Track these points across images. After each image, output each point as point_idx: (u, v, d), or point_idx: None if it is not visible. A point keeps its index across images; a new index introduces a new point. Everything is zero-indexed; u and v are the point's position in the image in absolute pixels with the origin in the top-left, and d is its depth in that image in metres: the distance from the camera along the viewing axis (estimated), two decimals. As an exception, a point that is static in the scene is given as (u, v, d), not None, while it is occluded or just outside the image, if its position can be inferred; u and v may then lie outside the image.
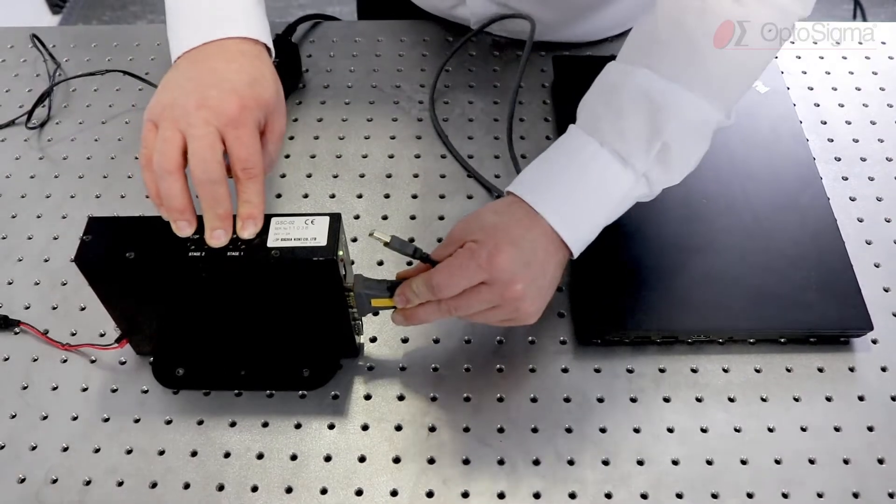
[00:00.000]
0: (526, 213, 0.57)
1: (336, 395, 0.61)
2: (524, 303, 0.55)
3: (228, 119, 0.53)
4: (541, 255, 0.56)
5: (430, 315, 0.56)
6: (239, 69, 0.57)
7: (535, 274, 0.55)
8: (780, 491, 0.56)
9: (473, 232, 0.56)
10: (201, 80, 0.56)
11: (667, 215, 0.68)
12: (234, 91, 0.55)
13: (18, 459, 0.59)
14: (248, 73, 0.57)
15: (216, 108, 0.53)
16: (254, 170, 0.54)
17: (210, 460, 0.58)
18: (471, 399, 0.61)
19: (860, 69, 0.84)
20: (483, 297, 0.54)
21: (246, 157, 0.53)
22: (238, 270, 0.53)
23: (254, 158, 0.54)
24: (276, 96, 0.59)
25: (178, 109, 0.54)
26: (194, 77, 0.57)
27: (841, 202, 0.72)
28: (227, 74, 0.56)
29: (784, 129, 0.75)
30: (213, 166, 0.52)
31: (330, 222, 0.53)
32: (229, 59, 0.58)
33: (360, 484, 0.57)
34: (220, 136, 0.53)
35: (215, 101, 0.54)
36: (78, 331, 0.65)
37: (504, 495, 0.56)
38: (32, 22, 0.88)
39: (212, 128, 0.53)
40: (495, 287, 0.54)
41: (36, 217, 0.73)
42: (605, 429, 0.59)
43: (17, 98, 0.83)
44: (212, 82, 0.55)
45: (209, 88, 0.55)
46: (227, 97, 0.54)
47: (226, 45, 0.59)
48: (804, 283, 0.63)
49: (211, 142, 0.52)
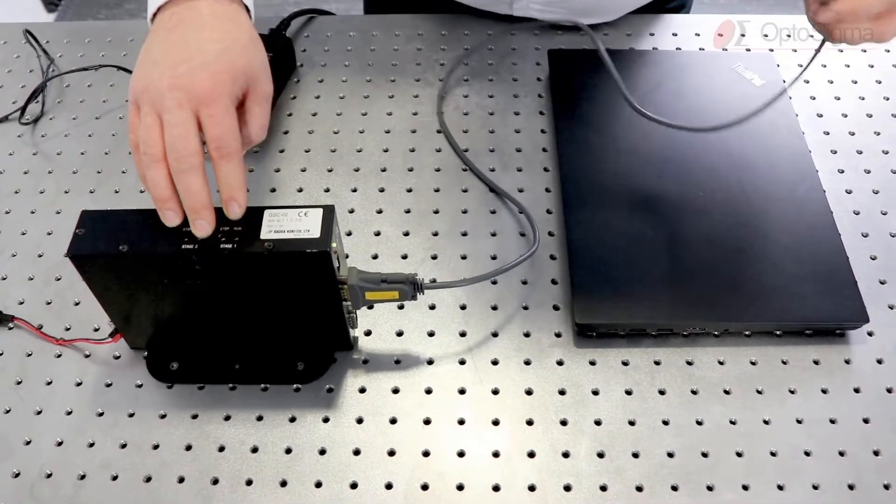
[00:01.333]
0: None
1: (330, 389, 0.61)
2: None
3: (200, 98, 0.52)
4: None
5: None
6: (211, 37, 0.55)
7: None
8: (776, 483, 0.56)
9: None
10: (172, 53, 0.55)
11: (663, 208, 0.67)
12: (205, 65, 0.53)
13: (12, 454, 0.58)
14: (220, 41, 0.55)
15: (187, 88, 0.52)
16: (227, 148, 0.52)
17: (204, 454, 0.58)
18: (466, 392, 0.61)
19: (856, 62, 0.84)
20: None
21: (219, 135, 0.52)
22: (231, 263, 0.53)
23: (227, 136, 0.53)
24: (253, 61, 0.57)
25: (153, 91, 0.53)
26: (166, 50, 0.55)
27: (837, 195, 0.72)
28: (199, 44, 0.55)
29: (780, 122, 0.75)
30: (184, 155, 0.51)
31: (323, 214, 0.53)
32: (200, 26, 0.56)
33: (355, 477, 0.57)
34: (196, 116, 0.52)
35: (185, 80, 0.53)
36: (72, 326, 0.65)
37: (499, 488, 0.56)
38: (27, 20, 0.87)
39: (185, 111, 0.52)
40: None
41: (30, 212, 0.73)
42: (599, 421, 0.59)
43: (10, 94, 0.83)
44: (182, 56, 0.54)
45: (179, 64, 0.53)
46: (197, 73, 0.53)
47: (198, 6, 0.57)
48: (800, 275, 0.63)
49: (183, 129, 0.51)
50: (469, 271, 0.67)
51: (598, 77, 0.75)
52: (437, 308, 0.65)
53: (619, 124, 0.75)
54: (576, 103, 0.77)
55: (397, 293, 0.58)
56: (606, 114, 0.76)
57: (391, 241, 0.70)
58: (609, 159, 0.70)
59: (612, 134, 0.74)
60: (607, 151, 0.72)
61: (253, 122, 0.56)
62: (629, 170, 0.70)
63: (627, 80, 0.76)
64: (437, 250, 0.69)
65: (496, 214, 0.71)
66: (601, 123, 0.75)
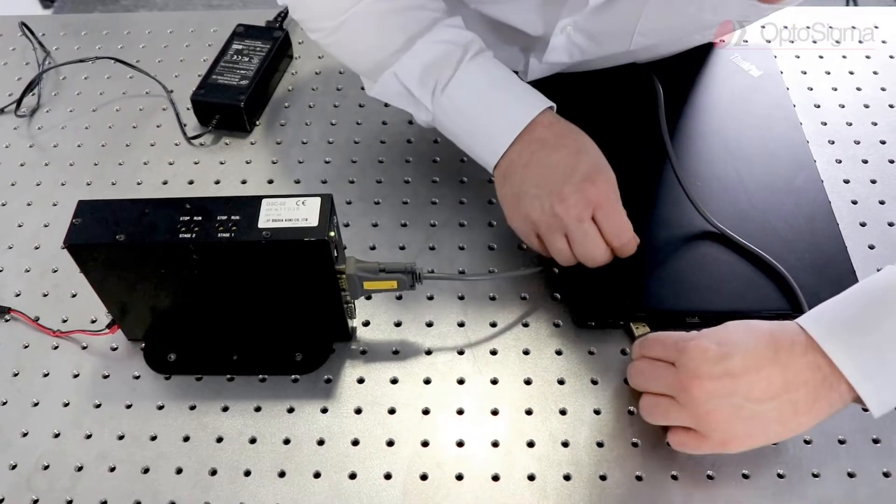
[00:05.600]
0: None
1: (329, 379, 0.61)
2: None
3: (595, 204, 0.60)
4: None
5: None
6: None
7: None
8: (776, 472, 0.56)
9: None
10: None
11: (661, 198, 0.67)
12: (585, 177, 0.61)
13: (9, 446, 0.58)
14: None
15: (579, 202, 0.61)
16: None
17: (202, 445, 0.58)
18: (464, 382, 0.61)
19: (853, 54, 0.84)
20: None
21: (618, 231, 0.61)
22: (229, 252, 0.53)
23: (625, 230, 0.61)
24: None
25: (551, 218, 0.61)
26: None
27: (835, 185, 0.72)
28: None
29: (778, 112, 0.75)
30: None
31: (321, 203, 0.53)
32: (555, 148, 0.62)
33: (354, 467, 0.57)
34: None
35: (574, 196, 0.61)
36: (69, 317, 0.64)
37: (498, 477, 0.56)
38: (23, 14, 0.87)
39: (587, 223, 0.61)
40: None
41: (26, 205, 0.73)
42: (599, 411, 0.59)
43: (6, 86, 0.83)
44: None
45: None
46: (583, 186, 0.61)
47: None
48: (798, 265, 0.63)
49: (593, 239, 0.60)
50: (467, 262, 0.67)
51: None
52: (435, 298, 0.65)
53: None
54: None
55: (395, 283, 0.57)
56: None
57: (389, 232, 0.70)
58: (607, 149, 0.69)
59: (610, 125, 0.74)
60: (606, 141, 0.72)
61: None
62: (626, 159, 0.70)
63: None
64: (435, 241, 0.69)
65: (494, 205, 0.71)
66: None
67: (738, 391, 0.49)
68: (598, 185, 0.59)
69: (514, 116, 0.62)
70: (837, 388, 0.49)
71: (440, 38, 0.63)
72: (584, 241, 0.59)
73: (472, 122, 0.63)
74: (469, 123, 0.64)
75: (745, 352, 0.50)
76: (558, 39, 0.70)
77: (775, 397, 0.49)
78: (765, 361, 0.50)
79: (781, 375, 0.49)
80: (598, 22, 0.68)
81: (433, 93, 0.63)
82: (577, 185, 0.59)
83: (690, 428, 0.52)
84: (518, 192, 0.61)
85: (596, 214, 0.59)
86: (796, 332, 0.51)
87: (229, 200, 0.54)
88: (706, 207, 0.66)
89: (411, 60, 0.63)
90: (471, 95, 0.63)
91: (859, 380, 0.48)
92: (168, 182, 0.74)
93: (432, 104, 0.64)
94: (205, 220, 0.53)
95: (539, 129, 0.61)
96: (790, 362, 0.49)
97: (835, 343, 0.49)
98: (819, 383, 0.49)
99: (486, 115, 0.63)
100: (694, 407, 0.51)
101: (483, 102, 0.63)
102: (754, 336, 0.51)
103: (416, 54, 0.63)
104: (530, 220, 0.60)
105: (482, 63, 0.64)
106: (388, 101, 0.67)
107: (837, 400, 0.49)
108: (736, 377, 0.49)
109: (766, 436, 0.51)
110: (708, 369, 0.50)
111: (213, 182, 0.74)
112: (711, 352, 0.50)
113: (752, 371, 0.49)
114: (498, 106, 0.63)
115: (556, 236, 0.60)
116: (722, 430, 0.50)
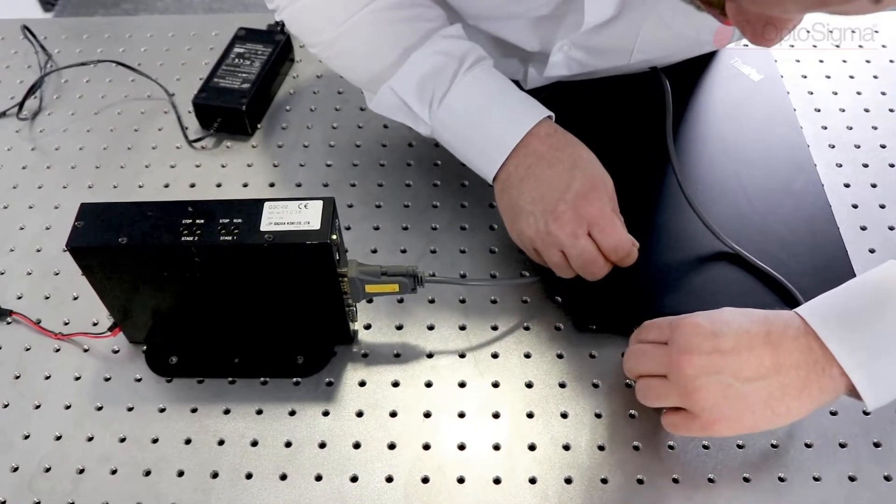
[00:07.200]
0: None
1: (330, 382, 0.61)
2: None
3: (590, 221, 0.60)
4: None
5: None
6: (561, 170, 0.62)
7: None
8: (777, 475, 0.56)
9: None
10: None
11: (662, 201, 0.67)
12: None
13: (11, 448, 0.58)
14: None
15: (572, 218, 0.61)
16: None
17: (204, 448, 0.58)
18: (466, 385, 0.61)
19: (854, 57, 0.84)
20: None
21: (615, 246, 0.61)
22: (231, 255, 0.53)
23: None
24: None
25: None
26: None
27: (835, 189, 0.72)
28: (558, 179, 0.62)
29: (778, 116, 0.75)
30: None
31: (323, 206, 0.53)
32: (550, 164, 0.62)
33: (355, 470, 0.57)
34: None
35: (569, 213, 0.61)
36: (70, 320, 0.65)
37: (500, 481, 0.56)
38: (24, 17, 0.88)
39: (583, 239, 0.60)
40: None
41: (28, 207, 0.73)
42: (600, 414, 0.59)
43: (8, 89, 0.83)
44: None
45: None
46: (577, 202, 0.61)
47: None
48: (799, 268, 0.63)
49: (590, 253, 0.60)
50: (468, 265, 0.67)
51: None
52: (436, 302, 0.65)
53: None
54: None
55: (397, 286, 0.57)
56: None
57: (390, 236, 0.70)
58: (606, 153, 0.69)
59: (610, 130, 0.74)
60: (607, 146, 0.72)
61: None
62: (627, 164, 0.70)
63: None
64: (437, 245, 0.69)
65: (495, 209, 0.71)
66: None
67: (727, 368, 0.49)
68: (592, 201, 0.59)
69: (510, 129, 0.61)
70: (829, 373, 0.49)
71: (436, 50, 0.63)
72: (581, 258, 0.59)
73: (470, 135, 0.63)
74: (467, 136, 0.63)
75: (736, 331, 0.50)
76: (557, 57, 0.70)
77: (764, 377, 0.49)
78: (756, 341, 0.50)
79: (772, 356, 0.49)
80: (595, 40, 0.68)
81: (430, 106, 0.63)
82: (571, 202, 0.58)
83: (682, 409, 0.52)
84: (515, 206, 0.61)
85: (592, 231, 0.59)
86: (791, 316, 0.51)
87: (231, 203, 0.54)
88: (707, 211, 0.66)
89: (407, 73, 0.63)
90: (467, 108, 0.63)
91: (852, 367, 0.48)
92: (169, 185, 0.75)
93: (430, 117, 0.64)
94: (207, 223, 0.53)
95: (535, 142, 0.61)
96: (782, 344, 0.49)
97: (830, 328, 0.49)
98: (811, 367, 0.49)
99: (482, 128, 0.62)
100: (683, 383, 0.51)
101: (479, 115, 0.62)
102: (748, 318, 0.51)
103: (411, 67, 0.63)
104: (526, 235, 0.60)
105: (478, 74, 0.63)
106: (388, 114, 0.66)
107: (829, 385, 0.49)
108: (726, 354, 0.50)
109: (754, 419, 0.50)
110: (698, 344, 0.50)
111: (215, 185, 0.74)
112: (703, 328, 0.51)
113: (742, 350, 0.50)
114: (494, 119, 0.62)
115: (552, 252, 0.60)
116: (710, 409, 0.50)
